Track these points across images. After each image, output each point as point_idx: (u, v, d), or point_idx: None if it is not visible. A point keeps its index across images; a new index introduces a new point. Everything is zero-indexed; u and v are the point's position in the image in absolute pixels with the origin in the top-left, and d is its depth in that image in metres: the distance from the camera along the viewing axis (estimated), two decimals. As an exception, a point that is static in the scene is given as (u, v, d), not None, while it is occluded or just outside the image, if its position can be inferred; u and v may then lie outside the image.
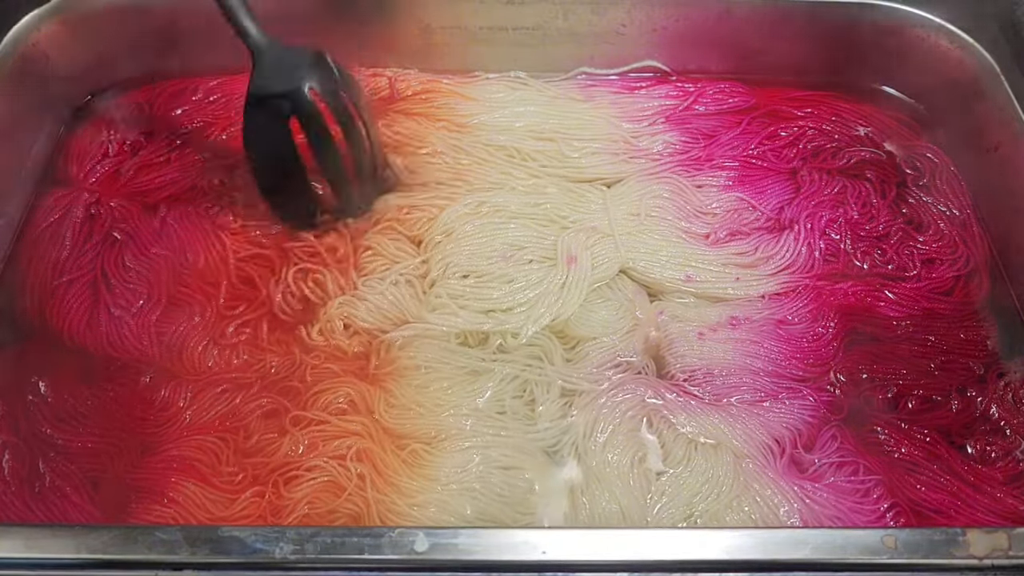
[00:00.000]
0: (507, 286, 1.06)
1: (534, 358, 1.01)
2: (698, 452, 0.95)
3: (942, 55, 1.19)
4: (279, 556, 0.73)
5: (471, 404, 0.98)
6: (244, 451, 0.95)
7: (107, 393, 0.99)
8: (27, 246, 1.09)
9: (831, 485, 0.93)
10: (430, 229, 1.10)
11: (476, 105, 1.21)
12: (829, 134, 1.22)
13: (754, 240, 1.11)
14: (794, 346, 1.03)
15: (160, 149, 1.18)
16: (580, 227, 1.10)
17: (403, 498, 0.92)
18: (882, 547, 0.74)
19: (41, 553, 0.74)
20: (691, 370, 1.01)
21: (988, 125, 1.14)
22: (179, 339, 1.02)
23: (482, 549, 0.74)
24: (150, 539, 0.74)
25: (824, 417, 0.98)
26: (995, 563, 0.74)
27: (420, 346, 1.01)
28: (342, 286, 1.06)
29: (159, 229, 1.10)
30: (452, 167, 1.16)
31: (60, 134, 1.20)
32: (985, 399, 1.00)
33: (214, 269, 1.07)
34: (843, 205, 1.14)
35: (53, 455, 0.94)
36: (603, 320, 1.04)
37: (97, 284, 1.06)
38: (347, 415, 0.97)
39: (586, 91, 1.24)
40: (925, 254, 1.11)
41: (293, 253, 1.08)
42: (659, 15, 1.21)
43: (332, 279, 1.06)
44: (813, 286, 1.07)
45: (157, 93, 1.23)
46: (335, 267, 1.07)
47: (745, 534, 0.77)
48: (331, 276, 1.06)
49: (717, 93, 1.24)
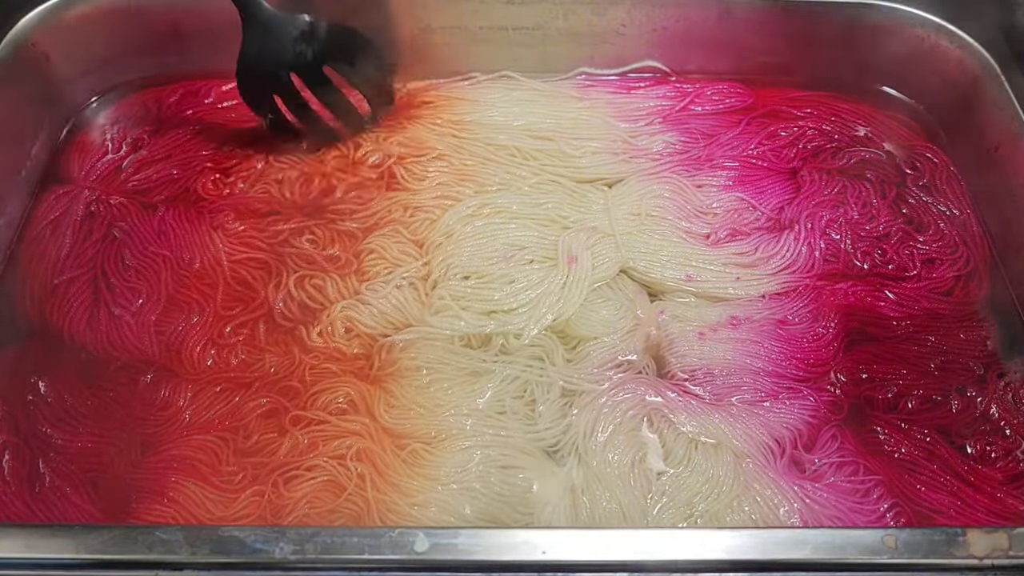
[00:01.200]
0: (508, 287, 1.06)
1: (535, 358, 1.01)
2: (698, 452, 0.95)
3: (942, 55, 1.19)
4: (279, 556, 0.73)
5: (471, 404, 0.98)
6: (244, 451, 0.95)
7: (107, 393, 0.99)
8: (27, 245, 1.09)
9: (831, 485, 0.93)
10: (432, 231, 1.10)
11: (476, 105, 1.21)
12: (829, 134, 1.22)
13: (754, 240, 1.11)
14: (794, 346, 1.03)
15: (164, 148, 1.18)
16: (581, 227, 1.11)
17: (403, 498, 0.92)
18: (882, 547, 0.74)
19: (41, 553, 0.74)
20: (691, 370, 1.01)
21: (988, 125, 1.14)
22: (178, 339, 1.02)
23: (482, 549, 0.74)
24: (150, 539, 0.74)
25: (824, 417, 0.98)
26: (995, 563, 0.74)
27: (422, 348, 1.01)
28: (342, 291, 1.06)
29: (158, 228, 1.10)
30: (455, 168, 1.16)
31: (60, 134, 1.20)
32: (985, 399, 1.00)
33: (210, 270, 1.07)
34: (843, 205, 1.14)
35: (53, 455, 0.94)
36: (604, 320, 1.04)
37: (97, 282, 1.06)
38: (347, 415, 0.97)
39: (584, 91, 1.24)
40: (925, 254, 1.11)
41: (290, 258, 1.08)
42: (659, 15, 1.21)
43: (332, 284, 1.06)
44: (813, 286, 1.08)
45: (165, 94, 1.23)
46: (335, 272, 1.07)
47: (745, 534, 0.77)
48: (331, 281, 1.07)
49: (715, 93, 1.24)
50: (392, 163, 1.16)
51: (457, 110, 1.21)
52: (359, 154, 1.18)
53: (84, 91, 1.23)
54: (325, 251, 1.09)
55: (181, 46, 1.22)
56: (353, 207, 1.13)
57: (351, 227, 1.11)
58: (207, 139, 1.19)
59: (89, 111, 1.23)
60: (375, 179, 1.16)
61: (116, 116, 1.22)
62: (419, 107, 1.22)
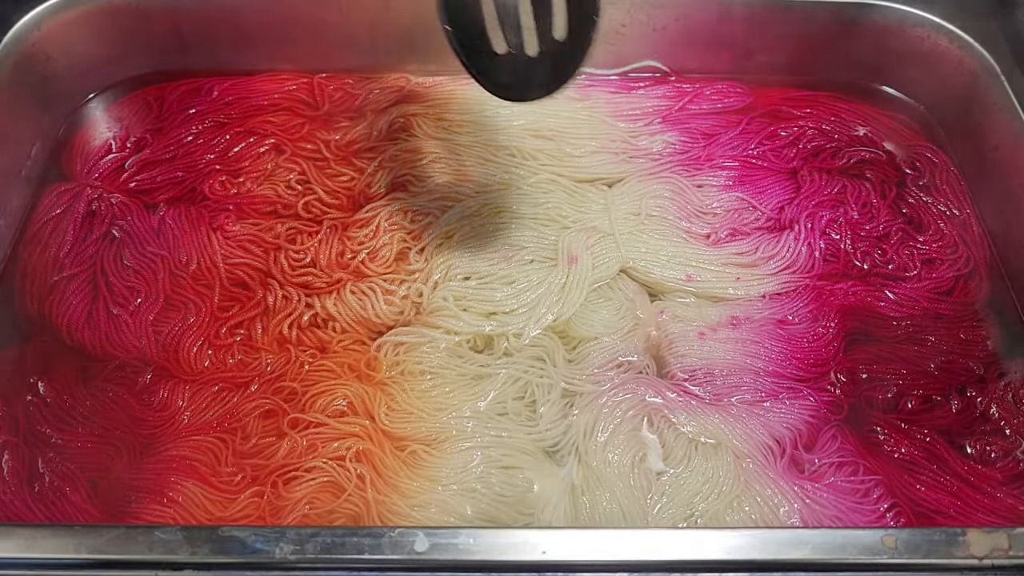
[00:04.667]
0: (509, 287, 1.06)
1: (536, 359, 1.01)
2: (698, 452, 0.95)
3: (942, 55, 1.19)
4: (279, 556, 0.73)
5: (472, 407, 0.98)
6: (243, 452, 0.95)
7: (106, 393, 0.98)
8: (28, 245, 1.09)
9: (831, 485, 0.93)
10: (432, 231, 1.10)
11: (476, 105, 1.21)
12: (829, 134, 1.22)
13: (754, 240, 1.11)
14: (794, 346, 1.03)
15: (168, 148, 1.18)
16: (581, 227, 1.11)
17: (403, 499, 0.92)
18: (882, 547, 0.74)
19: (41, 553, 0.74)
20: (692, 370, 1.01)
21: (988, 125, 1.14)
22: (175, 339, 1.02)
23: (482, 549, 0.74)
24: (150, 539, 0.74)
25: (824, 417, 0.98)
26: (995, 563, 0.74)
27: (424, 352, 1.01)
28: (341, 291, 1.05)
29: (157, 228, 1.10)
30: (454, 168, 1.16)
31: (61, 134, 1.20)
32: (985, 399, 1.00)
33: (206, 271, 1.07)
34: (843, 205, 1.14)
35: (53, 455, 0.94)
36: (604, 320, 1.04)
37: (97, 281, 1.06)
38: (346, 417, 0.97)
39: (584, 90, 1.23)
40: (925, 254, 1.11)
41: (288, 256, 1.08)
42: (659, 15, 1.21)
43: (331, 283, 1.06)
44: (813, 286, 1.08)
45: (168, 92, 1.23)
46: (333, 272, 1.07)
47: (745, 534, 0.77)
48: (330, 281, 1.07)
49: (714, 93, 1.24)
50: (392, 163, 1.16)
51: (457, 109, 1.21)
52: (355, 153, 1.18)
53: (85, 90, 1.23)
54: (324, 251, 1.09)
55: (182, 44, 1.22)
56: (352, 208, 1.13)
57: (351, 228, 1.11)
58: (212, 139, 1.19)
59: (90, 110, 1.23)
60: (376, 179, 1.15)
61: (117, 114, 1.22)
62: (420, 105, 1.21)
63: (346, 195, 1.15)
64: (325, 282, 1.07)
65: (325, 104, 1.23)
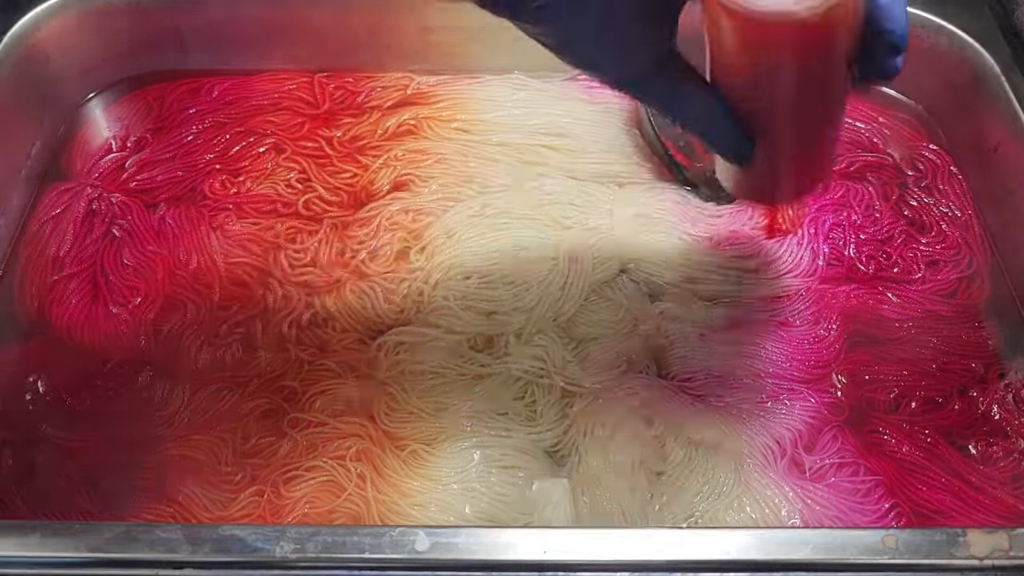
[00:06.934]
0: (509, 287, 1.06)
1: (536, 359, 1.01)
2: (699, 452, 0.95)
3: (942, 55, 1.19)
4: (280, 555, 0.73)
5: (473, 406, 0.98)
6: (243, 452, 0.95)
7: (106, 392, 0.98)
8: (28, 244, 1.09)
9: (832, 485, 0.93)
10: (433, 231, 1.10)
11: (479, 105, 1.21)
12: (830, 135, 1.21)
13: (756, 244, 1.11)
14: (796, 348, 1.03)
15: (168, 147, 1.18)
16: (582, 227, 1.10)
17: (403, 498, 0.92)
18: (883, 547, 0.74)
19: (41, 552, 0.74)
20: (692, 371, 1.01)
21: (988, 125, 1.14)
22: (174, 338, 1.02)
23: (483, 548, 0.74)
24: (150, 538, 0.73)
25: (825, 418, 0.98)
26: (996, 563, 0.74)
27: (425, 351, 1.01)
28: (341, 290, 1.05)
29: (157, 227, 1.10)
30: (458, 168, 1.16)
31: (61, 133, 1.20)
32: (986, 400, 1.00)
33: (206, 271, 1.07)
34: (846, 208, 1.14)
35: (53, 455, 0.94)
36: (604, 320, 1.04)
37: (97, 280, 1.06)
38: (346, 416, 0.97)
39: (590, 92, 1.23)
40: (929, 256, 1.11)
41: (287, 255, 1.08)
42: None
43: (330, 283, 1.06)
44: (816, 289, 1.07)
45: (168, 91, 1.23)
46: (333, 271, 1.07)
47: (745, 534, 0.77)
48: (329, 280, 1.07)
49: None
50: (397, 162, 1.16)
51: (463, 110, 1.20)
52: (360, 150, 1.18)
53: (85, 89, 1.23)
54: (325, 250, 1.09)
55: (182, 44, 1.22)
56: (353, 207, 1.13)
57: (351, 227, 1.11)
58: (212, 138, 1.19)
59: (90, 109, 1.23)
60: (377, 178, 1.15)
61: (117, 114, 1.22)
62: (425, 107, 1.21)
63: (347, 192, 1.15)
64: (325, 281, 1.07)
65: (326, 103, 1.23)
